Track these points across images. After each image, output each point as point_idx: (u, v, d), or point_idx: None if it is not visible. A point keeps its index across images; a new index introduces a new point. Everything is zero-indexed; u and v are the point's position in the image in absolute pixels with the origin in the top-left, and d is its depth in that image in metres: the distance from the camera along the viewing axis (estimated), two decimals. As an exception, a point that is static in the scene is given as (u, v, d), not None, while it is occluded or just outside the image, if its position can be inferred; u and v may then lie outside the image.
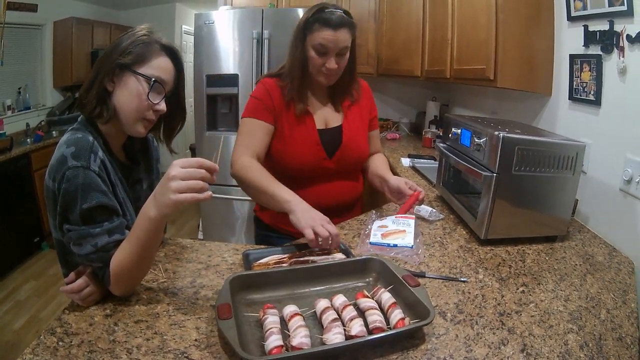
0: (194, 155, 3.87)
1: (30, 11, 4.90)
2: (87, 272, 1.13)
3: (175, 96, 1.31)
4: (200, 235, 4.11)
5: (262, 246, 1.51)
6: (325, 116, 1.80)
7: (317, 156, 1.74)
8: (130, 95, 1.17)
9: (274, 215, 1.79)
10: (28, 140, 4.56)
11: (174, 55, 1.26)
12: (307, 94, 1.76)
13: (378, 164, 1.92)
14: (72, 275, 1.13)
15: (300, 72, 1.68)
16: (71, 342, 0.97)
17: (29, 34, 5.10)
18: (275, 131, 1.74)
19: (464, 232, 1.73)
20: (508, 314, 1.17)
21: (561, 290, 1.31)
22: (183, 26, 7.05)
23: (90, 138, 1.14)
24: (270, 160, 1.76)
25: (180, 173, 0.96)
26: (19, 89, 4.99)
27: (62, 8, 5.38)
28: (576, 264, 1.50)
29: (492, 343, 1.04)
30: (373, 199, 3.59)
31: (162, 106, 1.22)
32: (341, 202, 1.81)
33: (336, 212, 1.48)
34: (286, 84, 1.71)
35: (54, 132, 4.98)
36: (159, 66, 1.20)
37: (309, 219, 1.38)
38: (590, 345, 1.06)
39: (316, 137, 1.74)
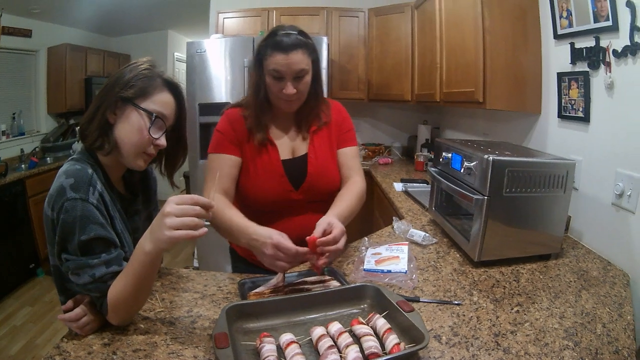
0: (187, 183, 3.89)
1: (25, 36, 4.95)
2: (85, 301, 1.13)
3: (176, 131, 1.32)
4: (196, 263, 4.12)
5: (258, 275, 1.51)
6: (292, 145, 1.70)
7: (283, 188, 1.65)
8: (132, 129, 1.18)
9: (246, 249, 1.68)
10: (22, 166, 4.54)
11: (176, 91, 1.28)
12: (267, 122, 1.67)
13: (341, 193, 1.68)
14: (69, 303, 1.14)
15: (257, 100, 1.61)
16: (70, 370, 0.97)
17: (23, 60, 5.14)
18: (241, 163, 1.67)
19: (458, 255, 1.73)
20: (503, 334, 1.17)
21: (556, 308, 1.32)
22: (175, 53, 7.11)
23: (90, 170, 1.14)
24: (239, 194, 1.68)
25: (174, 210, 0.98)
26: (14, 114, 5.00)
27: (56, 34, 5.43)
28: (571, 281, 1.51)
29: (488, 365, 1.04)
30: (365, 226, 3.60)
31: (163, 141, 1.22)
32: None
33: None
34: (249, 113, 1.65)
35: (48, 158, 4.98)
36: (161, 101, 1.21)
37: (266, 257, 1.33)
38: (587, 360, 1.06)
39: (280, 168, 1.65)
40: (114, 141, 1.18)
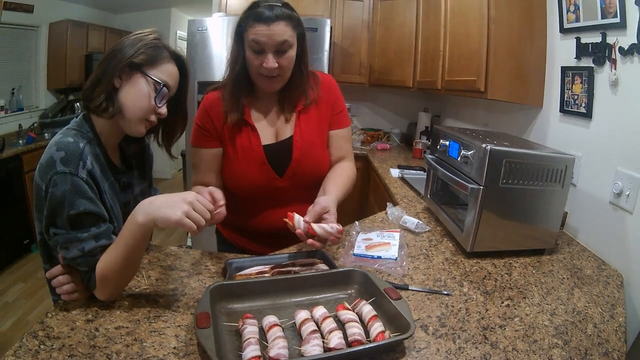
0: (184, 161, 3.87)
1: (27, 12, 4.90)
2: (72, 271, 1.16)
3: (175, 101, 1.34)
4: (189, 242, 4.12)
5: (246, 256, 1.49)
6: (275, 128, 1.60)
7: (266, 177, 1.56)
8: (139, 94, 1.20)
9: (231, 233, 1.74)
10: (20, 141, 4.53)
11: (181, 63, 1.31)
12: (246, 103, 1.56)
13: (332, 173, 1.64)
14: (58, 268, 1.16)
15: (233, 74, 1.52)
16: (52, 345, 0.97)
17: (24, 35, 5.09)
18: (223, 152, 1.61)
19: (450, 245, 1.71)
20: (492, 328, 1.16)
21: (547, 304, 1.30)
22: (178, 32, 7.08)
23: (81, 144, 1.14)
24: (225, 184, 1.62)
25: (197, 205, 1.07)
26: (13, 89, 4.96)
27: (58, 10, 5.38)
28: (564, 278, 1.49)
29: (474, 358, 1.03)
30: (360, 211, 3.59)
31: (164, 110, 1.25)
32: None
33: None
34: (225, 92, 1.55)
35: (46, 134, 4.97)
36: (167, 71, 1.24)
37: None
38: (576, 360, 1.05)
39: (261, 155, 1.55)
40: (119, 105, 1.20)
